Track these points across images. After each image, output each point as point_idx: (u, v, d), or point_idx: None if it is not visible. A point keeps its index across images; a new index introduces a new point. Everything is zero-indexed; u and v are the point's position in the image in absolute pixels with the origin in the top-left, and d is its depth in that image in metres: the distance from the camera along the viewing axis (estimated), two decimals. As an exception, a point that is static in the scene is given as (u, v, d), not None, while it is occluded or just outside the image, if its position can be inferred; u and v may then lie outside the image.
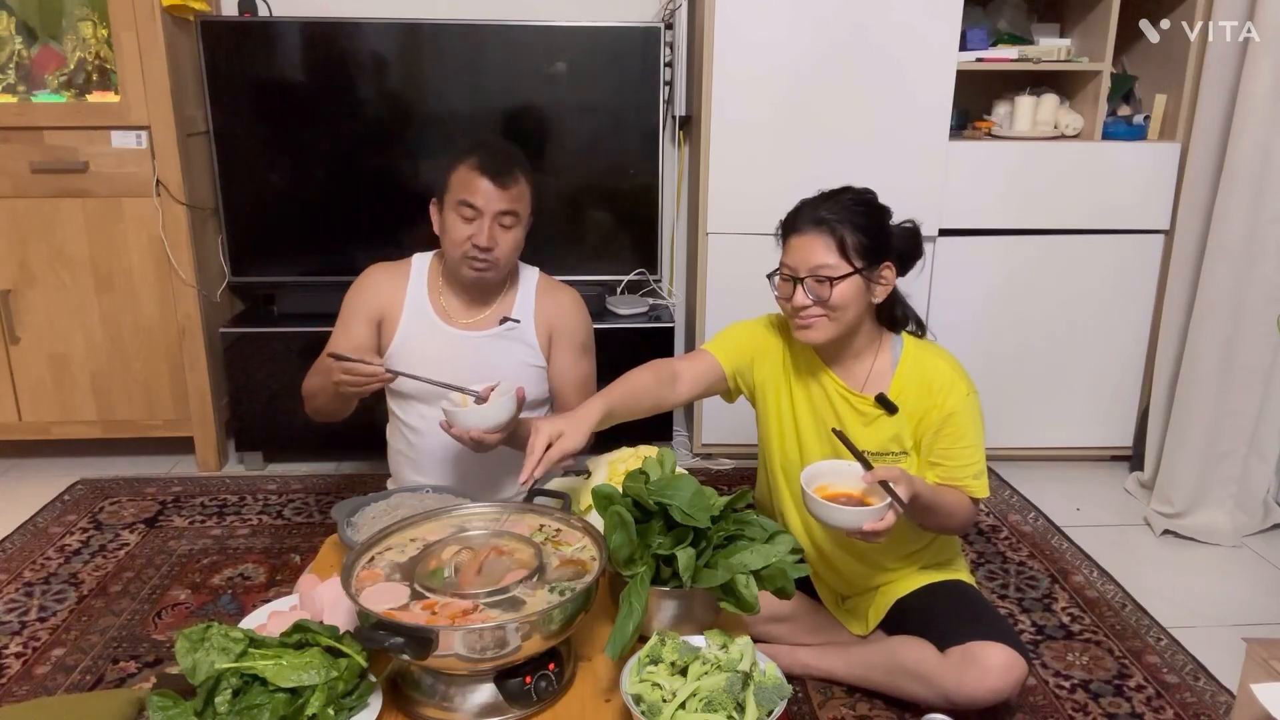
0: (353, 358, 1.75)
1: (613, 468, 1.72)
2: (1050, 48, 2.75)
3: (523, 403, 1.79)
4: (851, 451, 1.53)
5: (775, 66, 2.62)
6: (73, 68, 2.70)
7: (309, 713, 1.18)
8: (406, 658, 1.18)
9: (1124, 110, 2.89)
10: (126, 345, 2.78)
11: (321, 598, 1.37)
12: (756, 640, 1.49)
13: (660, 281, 3.08)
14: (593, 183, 2.92)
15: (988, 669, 1.62)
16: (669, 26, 2.88)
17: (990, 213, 2.76)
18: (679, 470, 1.49)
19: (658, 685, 1.20)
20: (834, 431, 1.61)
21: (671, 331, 2.88)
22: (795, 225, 1.68)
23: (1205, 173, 2.54)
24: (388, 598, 1.26)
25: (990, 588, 2.28)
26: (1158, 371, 2.73)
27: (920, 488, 1.54)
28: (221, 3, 2.95)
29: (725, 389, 1.88)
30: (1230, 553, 2.50)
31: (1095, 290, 2.82)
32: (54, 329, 2.75)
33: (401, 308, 1.99)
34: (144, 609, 2.14)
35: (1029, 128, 2.81)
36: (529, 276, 2.06)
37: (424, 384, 1.81)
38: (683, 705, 1.17)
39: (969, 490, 1.70)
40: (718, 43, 2.60)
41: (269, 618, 1.41)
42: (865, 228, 1.65)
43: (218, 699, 1.17)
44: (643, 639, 1.30)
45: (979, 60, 2.72)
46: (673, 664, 1.24)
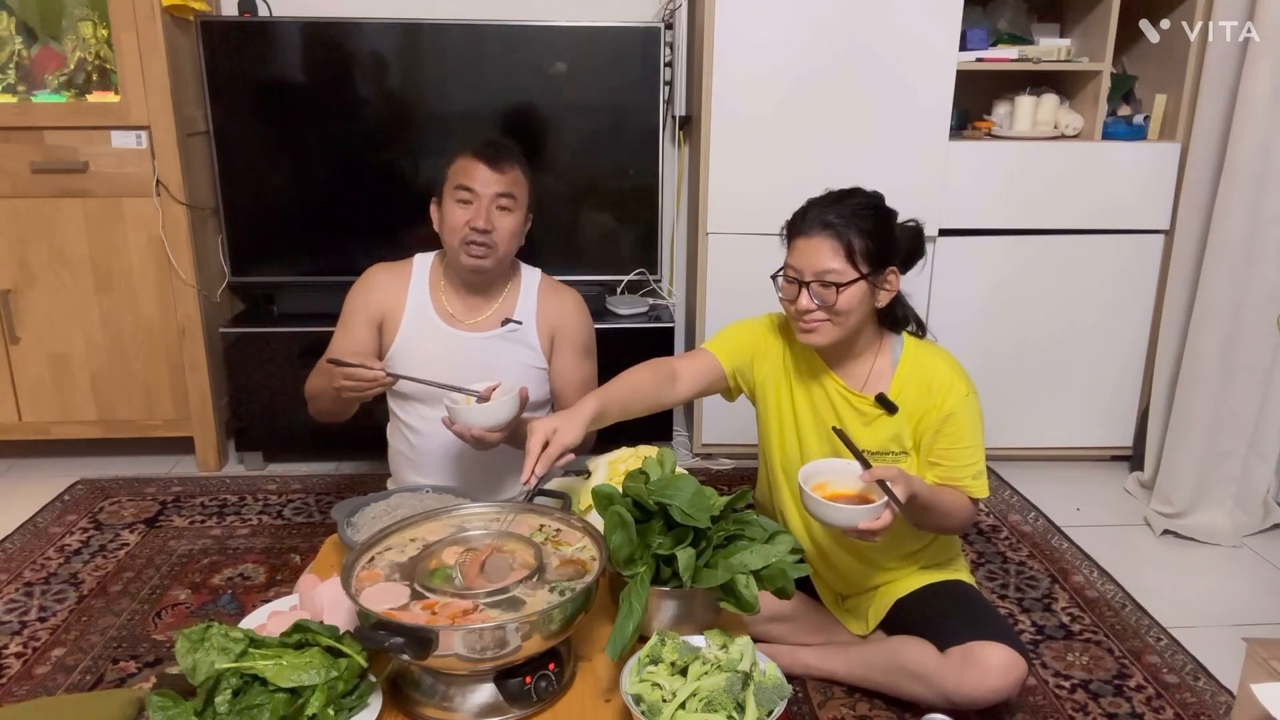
0: (353, 363, 1.75)
1: (613, 468, 1.72)
2: (1050, 48, 2.75)
3: (525, 402, 1.79)
4: (851, 450, 1.53)
5: (775, 66, 2.62)
6: (73, 68, 2.70)
7: (309, 713, 1.18)
8: (406, 658, 1.18)
9: (1124, 110, 2.89)
10: (126, 345, 2.78)
11: (321, 598, 1.37)
12: (756, 640, 1.49)
13: (660, 281, 3.08)
14: (593, 183, 2.92)
15: (988, 669, 1.62)
16: (669, 26, 2.88)
17: (990, 213, 2.76)
18: (679, 470, 1.49)
19: (658, 685, 1.20)
20: (834, 429, 1.61)
21: (671, 331, 2.88)
22: (802, 227, 1.67)
23: (1205, 173, 2.54)
24: (388, 598, 1.26)
25: (990, 588, 2.28)
26: (1158, 371, 2.73)
27: (918, 487, 1.54)
28: (221, 3, 2.95)
29: (725, 388, 1.88)
30: (1230, 553, 2.50)
31: (1095, 290, 2.82)
32: (54, 329, 2.75)
33: (403, 308, 1.99)
34: (144, 609, 2.14)
35: (1029, 128, 2.81)
36: (530, 278, 2.06)
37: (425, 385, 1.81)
38: (683, 705, 1.17)
39: (968, 490, 1.70)
40: (718, 43, 2.60)
41: (269, 618, 1.42)
42: (873, 233, 1.64)
43: (218, 699, 1.17)
44: (643, 639, 1.30)
45: (979, 60, 2.72)
46: (673, 664, 1.24)
